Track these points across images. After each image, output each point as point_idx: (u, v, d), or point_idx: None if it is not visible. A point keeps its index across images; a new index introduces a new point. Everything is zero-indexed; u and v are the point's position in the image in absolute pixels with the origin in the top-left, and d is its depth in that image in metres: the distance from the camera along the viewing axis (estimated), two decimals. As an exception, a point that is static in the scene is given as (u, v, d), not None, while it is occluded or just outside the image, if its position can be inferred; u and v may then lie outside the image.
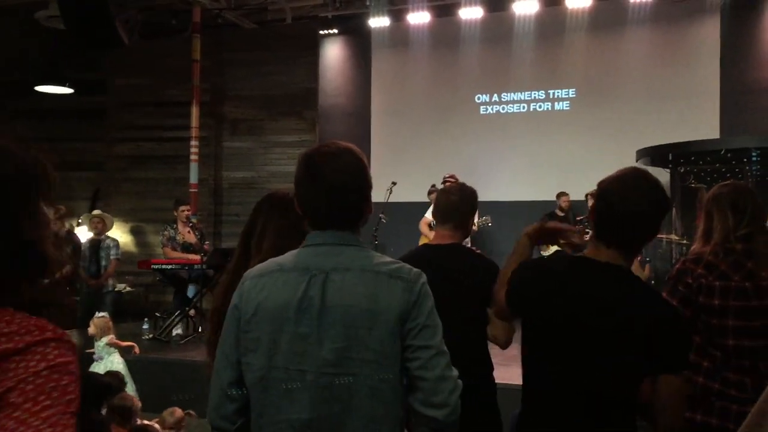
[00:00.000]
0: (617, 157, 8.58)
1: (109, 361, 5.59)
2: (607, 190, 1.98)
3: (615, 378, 1.87)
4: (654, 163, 8.43)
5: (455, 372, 1.67)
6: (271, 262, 1.79)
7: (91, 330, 5.76)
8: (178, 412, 4.15)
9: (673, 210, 8.36)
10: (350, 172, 1.73)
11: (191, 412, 4.07)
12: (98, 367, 5.52)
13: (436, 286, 2.78)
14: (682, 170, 8.29)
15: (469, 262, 2.85)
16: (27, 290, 1.04)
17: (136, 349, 5.94)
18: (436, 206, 2.96)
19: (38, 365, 0.95)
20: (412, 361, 1.64)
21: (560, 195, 8.59)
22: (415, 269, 1.73)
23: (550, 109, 9.87)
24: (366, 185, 1.77)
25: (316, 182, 1.73)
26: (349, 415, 1.62)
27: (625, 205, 1.91)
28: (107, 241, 8.17)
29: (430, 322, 1.67)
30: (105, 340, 5.69)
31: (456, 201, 2.89)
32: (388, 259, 1.75)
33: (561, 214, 8.34)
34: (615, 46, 9.51)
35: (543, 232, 2.28)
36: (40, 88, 8.58)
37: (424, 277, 1.72)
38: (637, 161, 8.34)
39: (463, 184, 3.02)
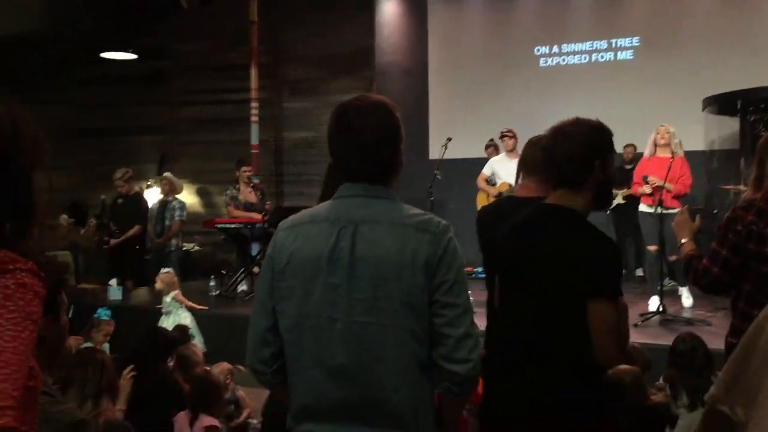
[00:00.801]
0: (683, 106, 8.32)
1: (177, 315, 5.84)
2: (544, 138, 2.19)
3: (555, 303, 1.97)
4: (722, 112, 8.11)
5: (478, 330, 1.71)
6: (304, 213, 1.84)
7: (158, 285, 6.04)
8: (225, 365, 4.34)
9: (741, 160, 8.07)
10: (381, 126, 1.75)
11: (240, 366, 4.25)
12: (167, 321, 5.78)
13: (517, 244, 2.76)
14: (751, 118, 7.95)
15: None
16: (8, 235, 1.19)
17: (198, 307, 6.21)
18: (523, 157, 2.86)
19: (7, 282, 1.10)
20: (438, 317, 1.67)
21: (626, 146, 8.37)
22: (443, 222, 1.75)
23: (612, 59, 9.58)
24: (397, 139, 1.78)
25: (346, 136, 1.76)
26: (378, 363, 1.67)
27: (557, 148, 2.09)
28: (173, 202, 8.45)
29: (458, 278, 1.69)
30: (171, 295, 5.95)
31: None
32: (417, 211, 1.76)
33: (628, 166, 8.14)
34: (681, -10, 9.12)
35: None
36: (105, 55, 8.86)
37: (451, 231, 1.74)
38: (703, 110, 8.05)
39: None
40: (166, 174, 9.01)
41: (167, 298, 5.96)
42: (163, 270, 6.24)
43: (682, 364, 3.37)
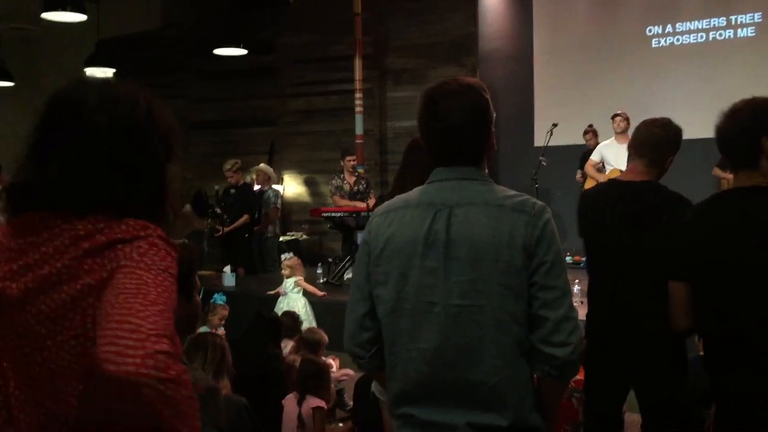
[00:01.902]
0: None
1: (293, 299, 6.07)
2: None
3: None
4: None
5: (577, 312, 1.68)
6: (397, 198, 1.86)
7: (284, 271, 6.30)
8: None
9: None
10: (470, 107, 1.74)
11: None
12: (282, 303, 6.03)
13: (619, 228, 2.73)
14: None
15: (665, 202, 2.63)
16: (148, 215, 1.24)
17: (319, 293, 6.44)
18: (635, 137, 2.80)
19: (141, 246, 1.16)
20: (536, 299, 1.66)
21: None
22: (539, 203, 1.73)
23: (732, 36, 9.04)
24: (487, 122, 1.78)
25: (436, 120, 1.76)
26: (477, 346, 1.67)
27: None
28: (268, 191, 8.74)
29: (557, 260, 1.67)
30: (294, 279, 6.16)
31: (659, 134, 2.71)
32: (512, 192, 1.76)
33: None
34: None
35: None
36: (217, 51, 9.26)
37: (548, 212, 1.72)
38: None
39: (670, 120, 2.80)
40: (261, 165, 9.31)
41: (288, 281, 6.18)
42: (286, 255, 6.50)
43: None
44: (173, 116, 1.37)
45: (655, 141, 2.71)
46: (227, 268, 8.01)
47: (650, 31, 9.51)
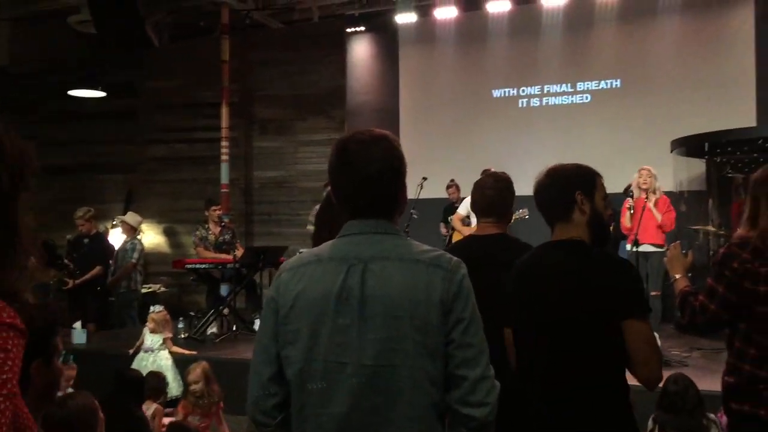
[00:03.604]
0: (651, 148, 8.45)
1: (158, 357, 5.65)
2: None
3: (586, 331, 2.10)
4: (689, 153, 8.27)
5: (493, 371, 1.63)
6: (308, 253, 1.76)
7: (150, 324, 5.82)
8: (202, 365, 4.42)
9: (710, 201, 8.21)
10: (385, 160, 1.69)
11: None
12: (144, 361, 5.58)
13: (487, 277, 2.77)
14: (718, 160, 8.12)
15: (517, 251, 2.73)
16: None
17: (188, 352, 6.03)
18: (474, 202, 2.92)
19: None
20: (453, 358, 1.60)
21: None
22: (455, 258, 1.68)
23: (583, 101, 9.72)
24: (401, 173, 1.72)
25: (349, 171, 1.69)
26: (391, 407, 1.58)
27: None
28: (128, 243, 8.27)
29: (474, 317, 1.63)
30: (162, 335, 5.75)
31: (492, 195, 2.85)
32: (427, 247, 1.70)
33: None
34: (645, 35, 9.34)
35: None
36: (73, 92, 8.73)
37: (464, 267, 1.67)
38: (671, 152, 8.19)
39: (496, 174, 2.94)
40: (127, 215, 8.85)
41: (156, 337, 5.74)
42: (155, 308, 6.03)
43: (674, 405, 3.33)
44: (30, 148, 1.18)
45: (490, 201, 2.91)
46: (77, 324, 7.40)
47: (508, 93, 10.04)
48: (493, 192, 2.86)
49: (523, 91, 9.96)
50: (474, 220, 7.58)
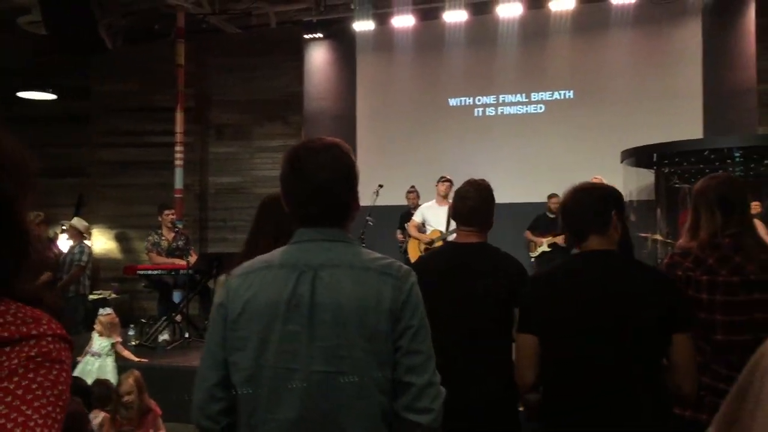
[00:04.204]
0: (602, 158, 8.65)
1: (104, 363, 5.48)
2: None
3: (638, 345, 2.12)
4: (639, 164, 8.49)
5: (440, 378, 1.65)
6: (258, 259, 1.76)
7: (97, 327, 5.64)
8: (134, 375, 4.24)
9: (658, 210, 8.42)
10: (336, 168, 1.70)
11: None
12: (92, 364, 5.41)
13: (462, 285, 2.79)
14: (666, 171, 8.36)
15: (496, 261, 2.78)
16: (20, 284, 1.02)
17: (135, 359, 5.90)
18: (456, 211, 2.90)
19: (30, 352, 0.94)
20: (400, 364, 1.61)
21: (551, 197, 8.58)
22: (405, 266, 1.71)
23: (536, 111, 9.89)
24: (353, 181, 1.74)
25: (301, 179, 1.70)
26: (339, 414, 1.59)
27: None
28: (75, 247, 8.09)
29: (422, 324, 1.64)
30: (111, 340, 5.57)
31: (472, 205, 2.84)
32: (378, 255, 1.72)
33: (552, 215, 8.34)
34: (598, 48, 9.57)
35: None
36: (22, 94, 8.50)
37: (414, 275, 1.70)
38: (621, 162, 8.39)
39: (477, 182, 2.91)
40: (74, 220, 8.65)
41: (104, 342, 5.56)
42: (104, 310, 5.85)
43: None
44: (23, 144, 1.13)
45: (473, 211, 2.87)
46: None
47: (464, 101, 10.15)
48: (474, 201, 2.84)
49: (479, 100, 10.09)
50: (429, 228, 7.64)
